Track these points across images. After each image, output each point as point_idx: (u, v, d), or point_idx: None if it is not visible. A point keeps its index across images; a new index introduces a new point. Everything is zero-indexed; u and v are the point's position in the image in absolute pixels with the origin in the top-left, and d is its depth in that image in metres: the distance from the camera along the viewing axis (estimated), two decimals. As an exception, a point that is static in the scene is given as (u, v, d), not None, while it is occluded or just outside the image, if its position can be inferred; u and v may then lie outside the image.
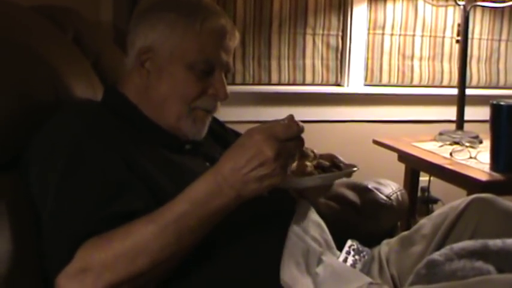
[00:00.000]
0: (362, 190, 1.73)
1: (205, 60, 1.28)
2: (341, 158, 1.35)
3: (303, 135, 1.06)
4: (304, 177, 1.21)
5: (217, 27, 1.29)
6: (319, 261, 1.22)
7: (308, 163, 1.23)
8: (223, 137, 1.47)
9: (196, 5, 1.30)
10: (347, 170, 1.30)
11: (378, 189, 1.73)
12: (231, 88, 1.33)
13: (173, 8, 1.29)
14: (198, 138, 1.34)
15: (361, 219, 1.67)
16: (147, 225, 1.04)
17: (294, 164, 1.20)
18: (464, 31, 2.41)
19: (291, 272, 1.15)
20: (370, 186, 1.74)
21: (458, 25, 2.49)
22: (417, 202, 2.52)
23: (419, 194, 2.61)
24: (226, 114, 1.37)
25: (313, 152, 1.31)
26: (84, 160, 1.12)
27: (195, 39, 1.27)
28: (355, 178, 1.84)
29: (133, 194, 1.11)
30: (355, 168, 1.30)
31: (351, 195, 1.71)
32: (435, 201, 2.77)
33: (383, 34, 2.87)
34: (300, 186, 1.25)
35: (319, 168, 1.25)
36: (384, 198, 1.72)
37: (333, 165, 1.29)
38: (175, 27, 1.27)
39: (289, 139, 1.03)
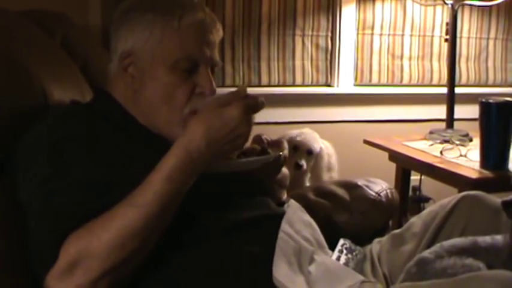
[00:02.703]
0: (352, 187, 1.73)
1: (187, 57, 1.25)
2: (285, 145, 1.37)
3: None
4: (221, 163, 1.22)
5: (195, 22, 1.26)
6: (311, 260, 1.22)
7: None
8: None
9: (171, 2, 1.28)
10: (270, 155, 1.30)
11: (367, 186, 1.74)
12: (220, 91, 1.32)
13: (149, 8, 1.27)
14: None
15: (350, 215, 1.68)
16: (128, 210, 1.05)
17: None
18: (452, 30, 2.42)
19: (283, 271, 1.15)
20: (359, 183, 1.75)
21: (447, 24, 2.51)
22: (408, 201, 2.53)
23: (410, 193, 2.62)
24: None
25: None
26: (66, 163, 1.12)
27: (175, 37, 1.25)
28: (346, 177, 1.85)
29: (115, 193, 1.10)
30: (280, 153, 1.31)
31: (341, 191, 1.71)
32: (427, 200, 2.78)
33: (372, 34, 2.88)
34: (217, 170, 1.23)
35: (243, 154, 1.28)
36: (373, 194, 1.73)
37: (261, 150, 1.30)
38: (153, 28, 1.25)
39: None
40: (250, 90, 2.79)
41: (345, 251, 1.34)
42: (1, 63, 1.27)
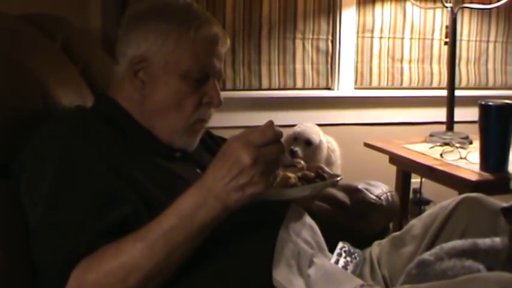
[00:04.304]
0: (352, 190, 1.73)
1: (200, 69, 1.28)
2: (326, 169, 1.35)
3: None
4: (286, 189, 1.21)
5: (210, 35, 1.29)
6: (311, 263, 1.22)
7: (291, 175, 1.23)
8: (210, 144, 1.47)
9: (188, 13, 1.30)
10: (329, 180, 1.30)
11: (367, 190, 1.74)
12: (221, 94, 1.33)
13: (164, 17, 1.28)
14: (190, 149, 1.34)
15: (351, 219, 1.68)
16: (135, 243, 1.04)
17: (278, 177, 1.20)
18: (452, 33, 2.43)
19: (283, 273, 1.15)
20: (360, 187, 1.75)
21: (447, 27, 2.52)
22: (409, 203, 2.53)
23: (411, 195, 2.62)
24: (217, 120, 1.38)
25: (299, 163, 1.32)
26: (73, 170, 1.12)
27: (189, 47, 1.27)
28: (346, 180, 1.85)
29: (123, 203, 1.11)
30: (338, 179, 1.30)
31: (341, 195, 1.71)
32: (427, 202, 2.78)
33: (372, 37, 2.88)
34: (282, 198, 1.23)
35: (303, 179, 1.26)
36: (374, 198, 1.73)
37: (317, 176, 1.29)
38: (168, 37, 1.26)
39: (265, 144, 1.01)
40: (251, 94, 2.82)
41: (343, 254, 1.34)
42: (3, 66, 1.28)
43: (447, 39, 2.47)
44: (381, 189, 1.78)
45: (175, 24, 1.27)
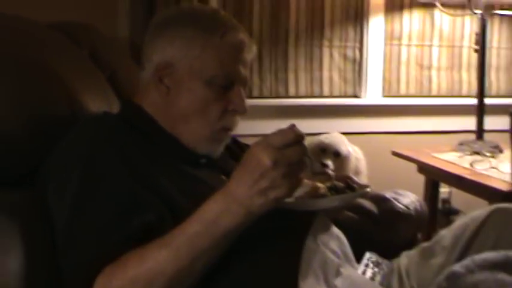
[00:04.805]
0: (380, 200, 1.71)
1: (225, 75, 1.27)
2: (355, 179, 1.33)
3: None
4: (316, 199, 1.20)
5: (236, 42, 1.29)
6: (338, 273, 1.21)
7: (320, 185, 1.22)
8: (236, 151, 1.47)
9: (214, 19, 1.30)
10: (359, 191, 1.28)
11: (396, 199, 1.72)
12: (248, 101, 1.33)
13: (190, 23, 1.29)
14: (214, 156, 1.34)
15: (379, 229, 1.66)
16: (160, 250, 1.04)
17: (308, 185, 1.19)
18: (482, 40, 2.40)
19: (309, 283, 1.14)
20: (388, 196, 1.73)
21: (476, 34, 2.48)
22: (438, 214, 2.50)
23: (440, 205, 2.59)
24: (243, 127, 1.37)
25: (328, 173, 1.31)
26: (97, 177, 1.12)
27: (215, 54, 1.27)
28: (373, 189, 1.83)
29: (147, 210, 1.11)
30: (368, 190, 1.29)
31: (369, 205, 1.69)
32: (456, 212, 2.75)
33: (400, 45, 2.86)
34: (311, 208, 1.22)
35: (333, 189, 1.24)
36: (402, 207, 1.71)
37: (346, 186, 1.27)
38: (194, 43, 1.26)
39: (286, 146, 0.99)
40: (277, 101, 2.82)
41: (371, 265, 1.33)
42: (31, 73, 1.29)
43: (477, 47, 2.44)
44: (409, 198, 1.76)
45: (202, 30, 1.27)
